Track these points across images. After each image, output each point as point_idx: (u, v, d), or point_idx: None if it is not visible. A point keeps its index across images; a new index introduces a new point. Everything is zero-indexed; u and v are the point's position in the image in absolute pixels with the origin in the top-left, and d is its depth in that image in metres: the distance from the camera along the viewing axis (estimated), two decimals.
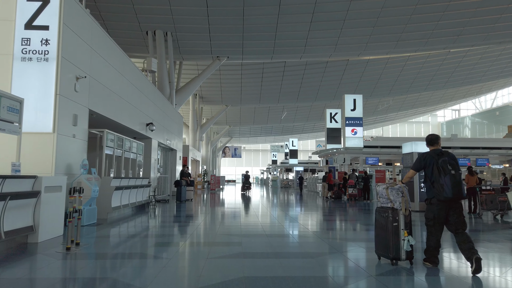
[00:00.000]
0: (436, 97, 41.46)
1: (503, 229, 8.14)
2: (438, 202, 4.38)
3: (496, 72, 31.30)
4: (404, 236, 4.40)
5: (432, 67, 28.94)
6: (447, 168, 4.31)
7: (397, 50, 21.34)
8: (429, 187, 4.52)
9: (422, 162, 4.56)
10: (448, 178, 4.27)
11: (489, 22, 18.61)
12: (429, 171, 4.47)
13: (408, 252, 4.44)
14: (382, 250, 4.57)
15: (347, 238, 6.82)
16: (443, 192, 4.27)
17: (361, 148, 19.01)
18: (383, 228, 4.55)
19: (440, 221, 4.43)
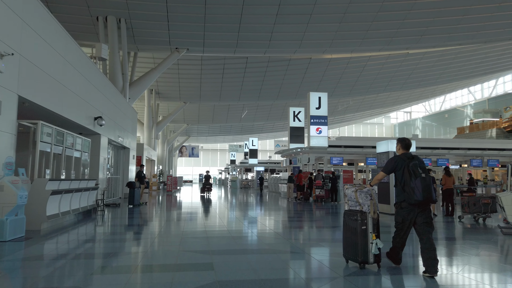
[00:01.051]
0: (391, 99, 42.39)
1: (487, 233, 7.66)
2: (408, 205, 4.37)
3: (450, 75, 32.30)
4: (372, 239, 4.40)
5: (391, 68, 29.23)
6: (418, 172, 4.33)
7: (362, 49, 21.04)
8: (400, 191, 4.51)
9: (393, 165, 4.54)
10: (419, 181, 4.28)
11: (451, 23, 18.71)
12: (400, 174, 4.47)
13: (376, 256, 4.44)
14: (351, 254, 4.55)
15: (323, 244, 6.29)
16: (413, 195, 4.28)
17: (326, 147, 18.43)
18: (351, 231, 4.52)
19: (408, 224, 4.45)
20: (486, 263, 5.16)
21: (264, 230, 8.26)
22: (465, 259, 5.38)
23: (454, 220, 9.60)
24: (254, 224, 9.18)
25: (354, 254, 4.49)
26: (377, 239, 4.44)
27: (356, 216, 4.49)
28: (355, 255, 4.49)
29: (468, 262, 5.17)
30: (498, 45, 26.50)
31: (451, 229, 8.34)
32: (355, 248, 4.48)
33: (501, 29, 19.75)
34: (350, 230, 4.55)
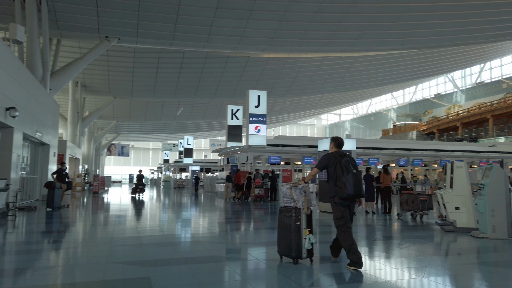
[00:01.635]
0: (324, 101, 43.87)
1: (425, 229, 7.82)
2: (340, 200, 4.56)
3: (378, 80, 34.15)
4: (305, 235, 4.52)
5: (325, 70, 30.06)
6: (349, 167, 4.55)
7: (300, 49, 21.21)
8: (332, 186, 4.68)
9: (326, 162, 4.73)
10: (350, 176, 4.49)
11: (384, 29, 19.56)
12: (332, 170, 4.65)
13: (308, 251, 4.58)
14: (285, 250, 4.63)
15: (260, 243, 6.00)
16: (345, 189, 4.48)
17: (265, 146, 18.22)
18: (286, 228, 4.61)
19: (348, 217, 4.62)
20: (420, 257, 5.21)
21: (204, 233, 7.65)
22: (402, 253, 5.47)
23: (392, 217, 9.82)
24: (193, 227, 8.51)
25: (288, 250, 4.57)
26: (310, 234, 4.57)
27: (291, 213, 4.58)
28: (289, 250, 4.57)
29: (403, 256, 5.26)
30: (421, 53, 28.52)
31: (391, 226, 8.44)
32: (289, 244, 4.55)
33: (429, 36, 21.14)
34: (285, 226, 4.63)
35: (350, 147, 10.63)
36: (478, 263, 5.12)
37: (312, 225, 4.73)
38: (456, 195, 7.04)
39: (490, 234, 6.33)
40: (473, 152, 22.34)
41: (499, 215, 6.23)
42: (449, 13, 19.16)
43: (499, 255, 5.54)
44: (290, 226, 4.58)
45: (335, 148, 4.89)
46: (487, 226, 6.35)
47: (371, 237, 6.95)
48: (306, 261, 4.73)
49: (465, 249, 5.94)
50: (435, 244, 6.37)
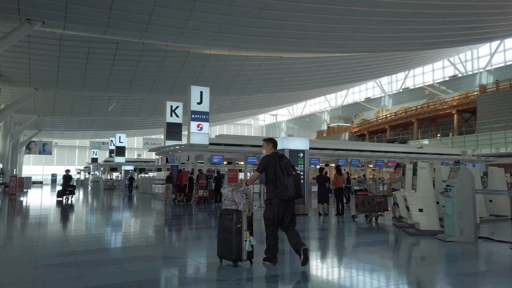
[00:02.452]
0: (263, 101, 44.01)
1: (386, 232, 7.67)
2: (280, 202, 4.60)
3: (315, 82, 34.96)
4: (246, 237, 4.57)
5: (266, 70, 29.96)
6: (289, 170, 4.65)
7: (244, 46, 20.72)
8: (272, 188, 4.68)
9: (266, 164, 4.72)
10: (291, 179, 4.59)
11: (326, 30, 19.79)
12: (272, 173, 4.67)
13: (249, 253, 4.62)
14: (225, 252, 4.63)
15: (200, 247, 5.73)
16: (287, 191, 4.54)
17: (207, 145, 17.42)
18: (227, 231, 4.60)
19: (278, 220, 4.67)
20: (394, 263, 5.02)
21: (143, 238, 6.80)
22: (374, 260, 5.24)
23: (345, 219, 9.65)
24: (141, 236, 7.55)
25: (228, 252, 4.58)
26: (250, 237, 4.62)
27: (232, 215, 4.58)
28: (229, 253, 4.57)
29: (375, 263, 5.04)
30: (355, 58, 29.65)
31: (350, 228, 8.20)
32: (229, 247, 4.57)
33: (366, 41, 21.86)
34: (226, 229, 4.63)
35: (303, 147, 10.35)
36: (465, 274, 4.70)
37: (253, 227, 4.77)
38: (420, 196, 6.89)
39: (458, 238, 6.14)
40: (404, 153, 23.62)
41: (466, 218, 6.08)
42: (386, 19, 19.96)
43: (479, 261, 5.38)
44: (231, 228, 4.57)
45: (273, 149, 4.90)
46: (454, 229, 6.16)
47: (340, 244, 6.58)
48: (246, 263, 4.73)
49: (440, 255, 5.61)
50: (406, 249, 6.15)
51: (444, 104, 36.06)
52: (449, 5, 20.06)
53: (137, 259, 5.29)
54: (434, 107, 37.16)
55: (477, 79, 38.60)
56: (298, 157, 10.11)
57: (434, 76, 45.95)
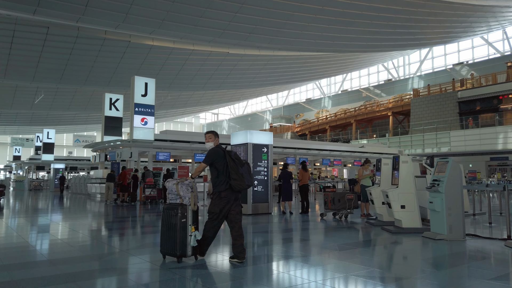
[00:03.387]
0: (206, 98, 42.95)
1: (365, 231, 7.27)
2: (229, 194, 4.55)
3: (260, 80, 34.78)
4: (191, 232, 4.46)
5: (212, 66, 29.09)
6: (241, 160, 4.65)
7: (192, 36, 19.71)
8: (223, 180, 4.57)
9: (215, 156, 4.62)
10: (245, 168, 4.61)
11: (276, 26, 19.50)
12: (222, 165, 4.57)
13: (194, 248, 4.51)
14: (169, 248, 4.50)
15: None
16: (244, 180, 4.52)
17: (152, 141, 16.19)
18: (171, 226, 4.48)
19: (224, 214, 4.57)
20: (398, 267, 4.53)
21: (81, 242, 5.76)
22: (371, 262, 4.74)
23: (312, 218, 9.20)
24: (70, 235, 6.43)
25: (172, 248, 4.44)
26: (196, 231, 4.49)
27: (177, 210, 4.46)
28: (173, 249, 4.44)
29: (376, 265, 4.50)
30: (299, 58, 29.94)
31: (323, 227, 7.69)
32: (173, 242, 4.43)
33: (315, 39, 21.97)
34: (169, 224, 4.49)
35: (267, 141, 9.77)
36: (494, 278, 4.17)
37: (198, 222, 4.68)
38: (402, 192, 6.49)
39: (448, 235, 5.80)
40: (348, 152, 24.18)
41: (455, 214, 5.76)
42: (334, 19, 20.20)
43: (491, 261, 4.97)
44: (176, 224, 4.43)
45: (219, 142, 4.89)
46: (444, 226, 5.79)
47: (322, 246, 5.91)
48: (191, 258, 4.62)
49: (443, 256, 5.13)
50: (402, 251, 5.60)
51: (380, 106, 37.87)
52: (392, 9, 20.83)
53: (68, 260, 4.54)
54: (371, 108, 38.87)
55: (409, 84, 41.14)
56: (261, 152, 9.53)
57: (370, 79, 48.30)
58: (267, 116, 61.09)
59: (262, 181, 9.49)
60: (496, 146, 25.90)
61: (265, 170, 9.52)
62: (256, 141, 9.40)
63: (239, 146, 9.58)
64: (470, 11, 24.73)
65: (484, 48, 37.60)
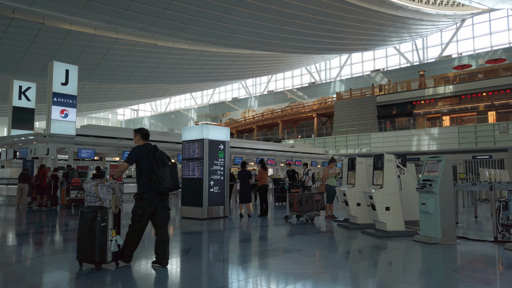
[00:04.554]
0: (127, 93, 40.21)
1: (336, 236, 6.82)
2: (153, 196, 4.33)
3: (189, 76, 33.47)
4: (112, 236, 4.25)
5: (137, 57, 27.12)
6: (165, 160, 4.38)
7: (122, 22, 17.96)
8: (145, 181, 4.36)
9: (137, 155, 4.41)
10: (168, 169, 4.34)
11: (214, 19, 18.68)
12: (145, 164, 4.37)
13: (114, 253, 4.28)
14: (86, 255, 4.24)
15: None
16: (163, 183, 4.28)
17: (74, 136, 14.23)
18: (89, 230, 4.22)
19: (147, 217, 4.37)
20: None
21: None
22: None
23: (276, 221, 8.45)
24: None
25: (91, 254, 4.17)
26: (117, 236, 4.27)
27: (96, 213, 4.21)
28: (91, 255, 4.17)
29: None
30: (229, 56, 29.40)
31: (292, 232, 7.02)
32: (91, 248, 4.16)
33: (251, 36, 21.56)
34: (88, 229, 4.21)
35: (224, 137, 8.89)
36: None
37: (120, 226, 4.40)
38: (387, 193, 6.04)
39: (442, 239, 5.45)
40: (280, 151, 24.26)
41: (448, 216, 5.47)
42: (271, 17, 20.03)
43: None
44: (94, 228, 4.16)
45: (143, 141, 4.56)
46: (437, 230, 5.44)
47: (314, 259, 5.06)
48: (111, 265, 4.31)
49: (453, 262, 4.76)
50: (408, 260, 5.02)
51: (306, 108, 39.05)
52: (325, 12, 21.35)
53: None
54: (297, 110, 39.88)
55: (331, 87, 43.12)
56: (218, 149, 8.64)
57: (294, 82, 49.71)
58: (192, 114, 59.51)
59: (219, 181, 8.62)
60: (410, 148, 28.16)
61: (222, 170, 8.67)
62: (212, 137, 8.50)
63: (193, 142, 8.59)
64: (391, 21, 26.57)
65: (396, 57, 40.97)
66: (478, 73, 28.44)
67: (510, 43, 33.36)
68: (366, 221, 6.94)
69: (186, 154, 8.75)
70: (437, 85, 29.71)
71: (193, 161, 8.54)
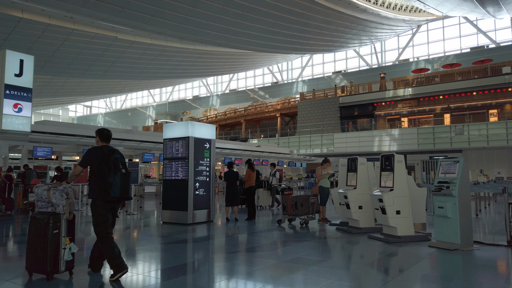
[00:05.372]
0: (82, 87, 37.98)
1: (343, 242, 6.35)
2: (103, 203, 4.06)
3: (151, 72, 32.14)
4: (65, 244, 4.04)
5: (95, 50, 25.61)
6: (118, 166, 4.11)
7: (83, 11, 16.65)
8: (94, 187, 4.12)
9: (91, 157, 4.13)
10: (118, 177, 4.06)
11: (182, 12, 17.87)
12: (98, 168, 4.08)
13: (68, 262, 4.07)
14: (37, 264, 3.96)
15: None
16: (110, 191, 4.00)
17: (28, 133, 12.92)
18: (40, 238, 3.95)
19: (109, 223, 4.11)
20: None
21: None
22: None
23: (268, 226, 7.89)
24: None
25: (42, 264, 3.94)
26: (71, 243, 4.08)
27: (48, 219, 4.00)
28: (42, 265, 3.94)
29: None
30: (193, 52, 28.58)
31: (290, 239, 6.62)
32: (43, 257, 3.93)
33: (220, 32, 20.94)
34: (38, 236, 3.98)
35: (209, 136, 8.24)
36: None
37: (74, 233, 4.19)
38: (397, 196, 5.69)
39: (462, 244, 5.17)
40: (247, 151, 23.85)
41: (467, 220, 5.22)
42: (241, 13, 19.56)
43: None
44: (46, 235, 3.94)
45: (102, 142, 4.28)
46: (456, 235, 5.15)
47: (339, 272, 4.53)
48: (64, 274, 4.09)
49: (493, 272, 4.39)
50: (447, 272, 4.56)
51: (269, 108, 38.94)
52: (294, 12, 21.23)
53: None
54: (260, 109, 39.67)
55: (294, 87, 43.37)
56: (204, 148, 7.98)
57: (256, 81, 49.51)
58: (150, 112, 57.54)
59: (204, 183, 7.96)
60: (372, 148, 28.85)
61: (207, 170, 8.03)
62: (198, 135, 7.85)
63: (176, 140, 7.88)
64: (355, 23, 27.05)
65: (356, 60, 42.04)
66: (435, 77, 29.72)
67: (462, 49, 35.29)
68: (368, 225, 6.67)
69: (169, 153, 8.04)
70: (396, 87, 30.71)
71: (177, 161, 7.86)
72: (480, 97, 26.98)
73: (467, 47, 34.93)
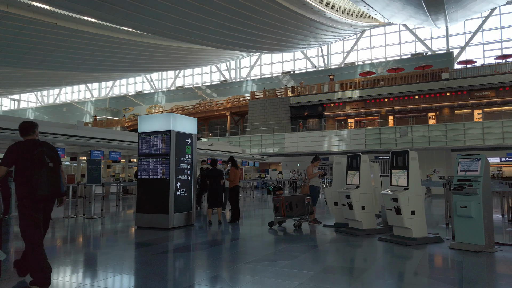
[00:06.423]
0: (11, 79, 34.46)
1: (353, 248, 5.87)
2: (31, 203, 3.59)
3: (94, 64, 29.94)
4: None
5: (31, 37, 23.27)
6: (44, 160, 3.68)
7: None
8: (21, 185, 3.63)
9: (14, 155, 3.63)
10: (44, 172, 3.64)
11: None
12: (23, 165, 3.62)
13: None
14: None
15: None
16: (38, 189, 3.55)
17: None
18: None
19: (40, 224, 3.66)
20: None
21: None
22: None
23: (246, 228, 7.33)
24: None
25: None
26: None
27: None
28: None
29: None
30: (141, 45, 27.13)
31: (294, 243, 5.89)
32: None
33: (175, 24, 19.90)
34: None
35: (191, 130, 7.40)
36: None
37: (1, 238, 3.73)
38: (412, 195, 5.34)
39: (487, 246, 4.90)
40: (201, 149, 23.01)
41: (490, 220, 4.96)
42: (198, 5, 18.77)
43: None
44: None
45: (25, 136, 3.83)
46: (481, 236, 4.89)
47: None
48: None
49: None
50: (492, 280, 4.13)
51: (219, 106, 38.21)
52: (251, 8, 20.87)
53: None
54: (210, 107, 38.79)
55: (244, 86, 43.05)
56: (185, 144, 7.15)
57: (203, 79, 48.43)
58: (88, 108, 53.87)
59: (186, 182, 7.10)
60: (322, 148, 29.42)
61: (189, 168, 7.23)
62: (180, 129, 7.02)
63: (155, 134, 6.98)
64: (307, 25, 27.38)
65: (303, 61, 42.85)
66: (381, 80, 31.10)
67: (401, 55, 37.42)
68: (371, 226, 6.36)
69: (145, 149, 7.13)
70: (344, 89, 31.66)
71: (155, 158, 6.98)
72: (422, 100, 28.71)
73: (407, 53, 37.10)
